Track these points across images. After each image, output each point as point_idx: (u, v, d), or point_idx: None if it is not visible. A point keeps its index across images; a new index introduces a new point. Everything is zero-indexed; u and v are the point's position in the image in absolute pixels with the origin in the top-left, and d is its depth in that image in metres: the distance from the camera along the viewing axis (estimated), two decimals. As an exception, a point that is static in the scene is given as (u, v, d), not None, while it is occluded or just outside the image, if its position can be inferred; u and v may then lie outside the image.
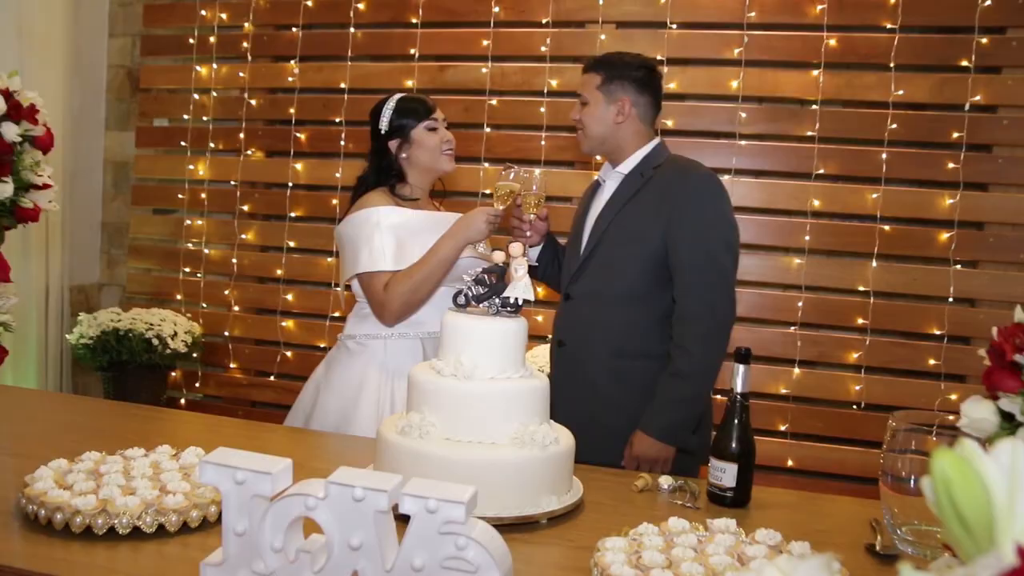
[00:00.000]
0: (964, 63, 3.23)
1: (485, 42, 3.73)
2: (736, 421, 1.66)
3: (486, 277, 1.57)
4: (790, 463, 3.41)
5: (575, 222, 2.34)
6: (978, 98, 3.22)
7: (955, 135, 3.25)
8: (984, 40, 3.21)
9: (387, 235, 2.19)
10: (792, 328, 3.44)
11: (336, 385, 2.28)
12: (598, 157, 3.57)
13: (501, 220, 2.19)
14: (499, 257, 1.60)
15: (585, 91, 2.25)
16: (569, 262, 2.28)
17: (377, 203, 2.24)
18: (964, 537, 0.47)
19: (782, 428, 3.43)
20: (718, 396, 3.34)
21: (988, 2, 3.19)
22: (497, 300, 1.57)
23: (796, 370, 3.42)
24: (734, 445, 1.65)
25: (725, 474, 1.65)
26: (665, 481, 1.72)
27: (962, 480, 0.45)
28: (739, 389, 1.67)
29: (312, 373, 2.44)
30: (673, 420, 2.05)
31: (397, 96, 2.34)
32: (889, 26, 3.30)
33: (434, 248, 2.16)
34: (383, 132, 2.30)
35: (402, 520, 1.06)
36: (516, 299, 1.56)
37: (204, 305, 4.18)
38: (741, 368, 1.66)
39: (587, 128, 2.24)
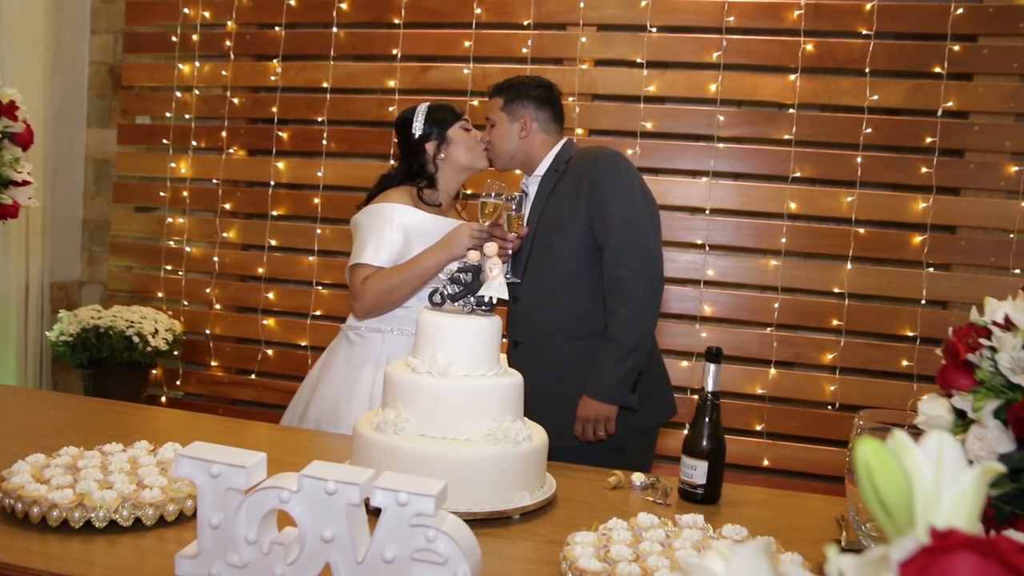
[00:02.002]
0: (937, 70, 3.30)
1: (467, 43, 3.76)
2: (707, 419, 1.69)
3: (461, 276, 1.60)
4: (766, 463, 3.45)
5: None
6: (950, 104, 3.29)
7: (928, 140, 3.31)
8: (956, 48, 3.27)
9: (396, 233, 2.26)
10: (768, 329, 3.48)
11: (334, 374, 2.36)
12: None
13: (486, 235, 2.24)
14: (474, 257, 1.62)
15: (491, 114, 2.44)
16: (513, 269, 2.40)
17: (396, 200, 2.31)
18: (885, 520, 0.50)
19: (758, 428, 3.47)
20: (697, 397, 3.41)
21: (960, 11, 3.25)
22: (472, 299, 1.60)
23: (772, 370, 3.47)
24: (705, 443, 1.68)
25: (696, 471, 1.68)
26: (637, 478, 1.75)
27: (882, 467, 0.49)
28: (710, 388, 1.70)
29: (318, 360, 2.51)
30: (610, 380, 2.19)
31: (425, 104, 2.43)
32: (865, 32, 3.36)
33: (417, 258, 2.24)
34: (418, 136, 2.37)
35: (374, 514, 1.09)
36: (491, 298, 1.59)
37: (185, 303, 4.18)
38: (712, 367, 1.69)
39: (496, 146, 2.42)
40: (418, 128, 2.37)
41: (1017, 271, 3.20)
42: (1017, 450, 1.04)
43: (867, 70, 3.35)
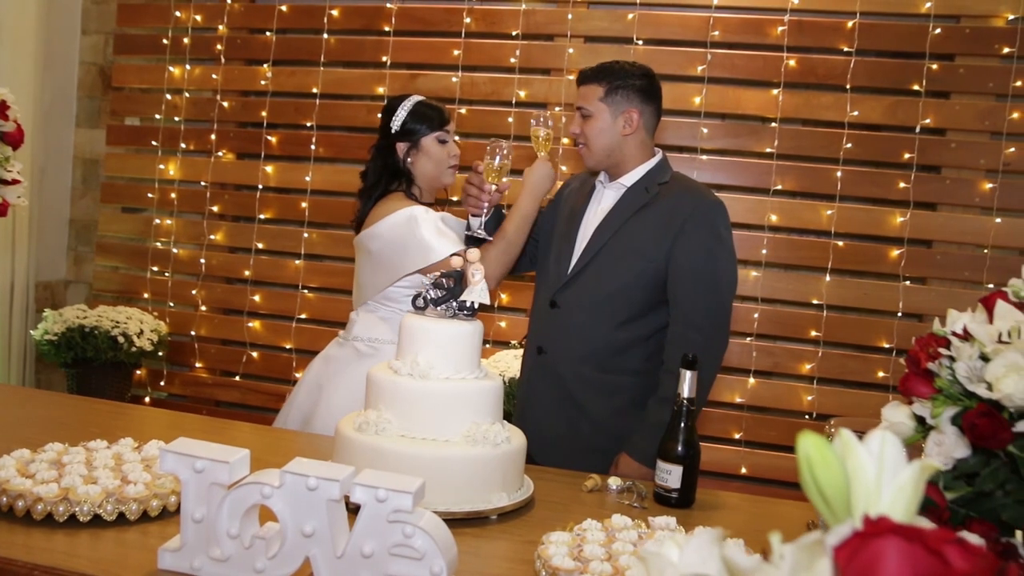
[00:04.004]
0: (915, 87, 3.37)
1: (456, 52, 3.80)
2: (682, 425, 1.73)
3: (444, 281, 1.63)
4: (744, 470, 3.50)
5: (565, 224, 2.26)
6: (928, 121, 3.36)
7: (906, 156, 3.38)
8: (934, 66, 3.35)
9: (431, 226, 2.20)
10: (748, 339, 3.53)
11: (346, 387, 2.24)
12: (562, 168, 3.64)
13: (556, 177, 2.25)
14: (457, 262, 1.66)
15: (587, 103, 2.14)
16: (558, 267, 2.21)
17: (407, 204, 2.25)
18: (825, 509, 0.54)
19: (736, 436, 3.52)
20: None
21: (938, 31, 3.33)
22: (454, 303, 1.63)
23: (751, 380, 3.52)
24: (680, 448, 1.72)
25: (671, 476, 1.72)
26: (614, 482, 1.79)
27: (821, 460, 0.53)
28: (685, 394, 1.73)
29: (304, 375, 2.41)
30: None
31: (415, 99, 2.34)
32: (846, 49, 3.43)
33: (516, 206, 2.23)
34: (393, 132, 2.30)
35: (354, 512, 1.12)
36: (472, 303, 1.62)
37: (171, 304, 4.19)
38: (688, 374, 1.73)
39: (592, 142, 2.14)
40: (396, 124, 2.30)
41: (991, 285, 3.27)
42: (972, 455, 1.08)
43: (848, 86, 3.42)
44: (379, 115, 2.39)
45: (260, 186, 4.06)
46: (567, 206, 2.31)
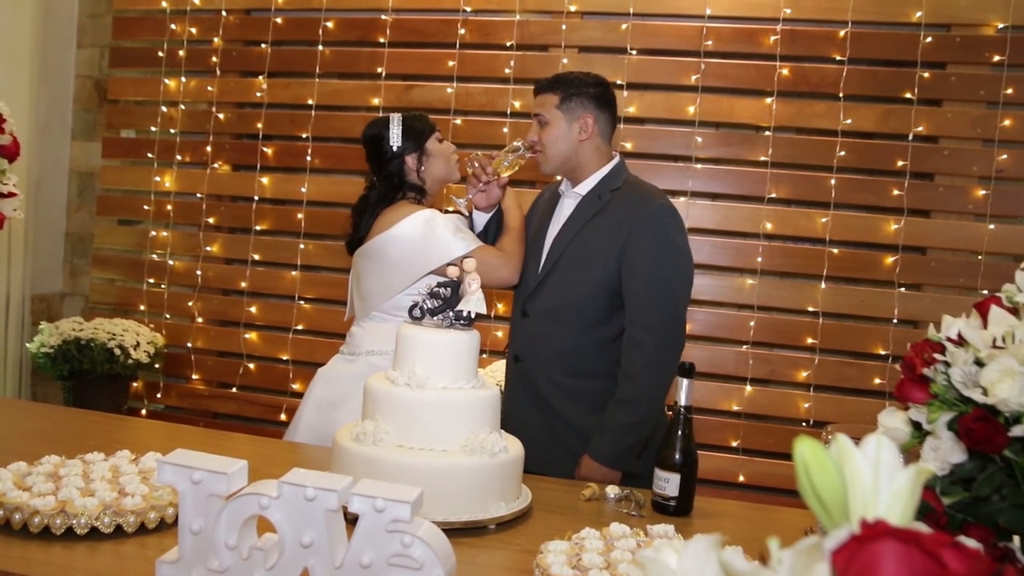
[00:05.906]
0: (908, 95, 3.39)
1: (451, 63, 3.82)
2: (680, 433, 1.73)
3: (440, 291, 1.64)
4: (742, 478, 3.50)
5: (534, 235, 2.34)
6: (920, 129, 3.37)
7: (899, 163, 3.39)
8: (926, 74, 3.37)
9: (450, 224, 2.24)
10: (744, 347, 3.54)
11: None
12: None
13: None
14: (453, 272, 1.67)
15: (544, 111, 2.24)
16: (527, 277, 2.29)
17: (419, 208, 2.28)
18: (822, 513, 0.54)
19: (734, 444, 3.52)
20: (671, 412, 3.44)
21: (929, 39, 3.35)
22: (451, 313, 1.64)
23: (748, 388, 3.52)
24: (677, 456, 1.72)
25: (669, 484, 1.72)
26: (612, 490, 1.79)
27: (817, 464, 0.53)
28: (683, 402, 1.74)
29: (309, 394, 2.37)
30: (618, 447, 2.07)
31: (397, 115, 2.38)
32: (838, 58, 3.45)
33: (513, 217, 2.32)
34: (396, 150, 2.33)
35: (352, 523, 1.12)
36: (469, 313, 1.63)
37: (167, 316, 4.19)
38: (685, 382, 1.74)
39: (548, 148, 2.24)
40: (396, 140, 2.32)
41: (985, 291, 3.28)
42: (969, 460, 1.08)
43: (841, 95, 3.44)
44: (366, 147, 2.40)
45: (256, 197, 4.06)
46: (536, 217, 2.39)
